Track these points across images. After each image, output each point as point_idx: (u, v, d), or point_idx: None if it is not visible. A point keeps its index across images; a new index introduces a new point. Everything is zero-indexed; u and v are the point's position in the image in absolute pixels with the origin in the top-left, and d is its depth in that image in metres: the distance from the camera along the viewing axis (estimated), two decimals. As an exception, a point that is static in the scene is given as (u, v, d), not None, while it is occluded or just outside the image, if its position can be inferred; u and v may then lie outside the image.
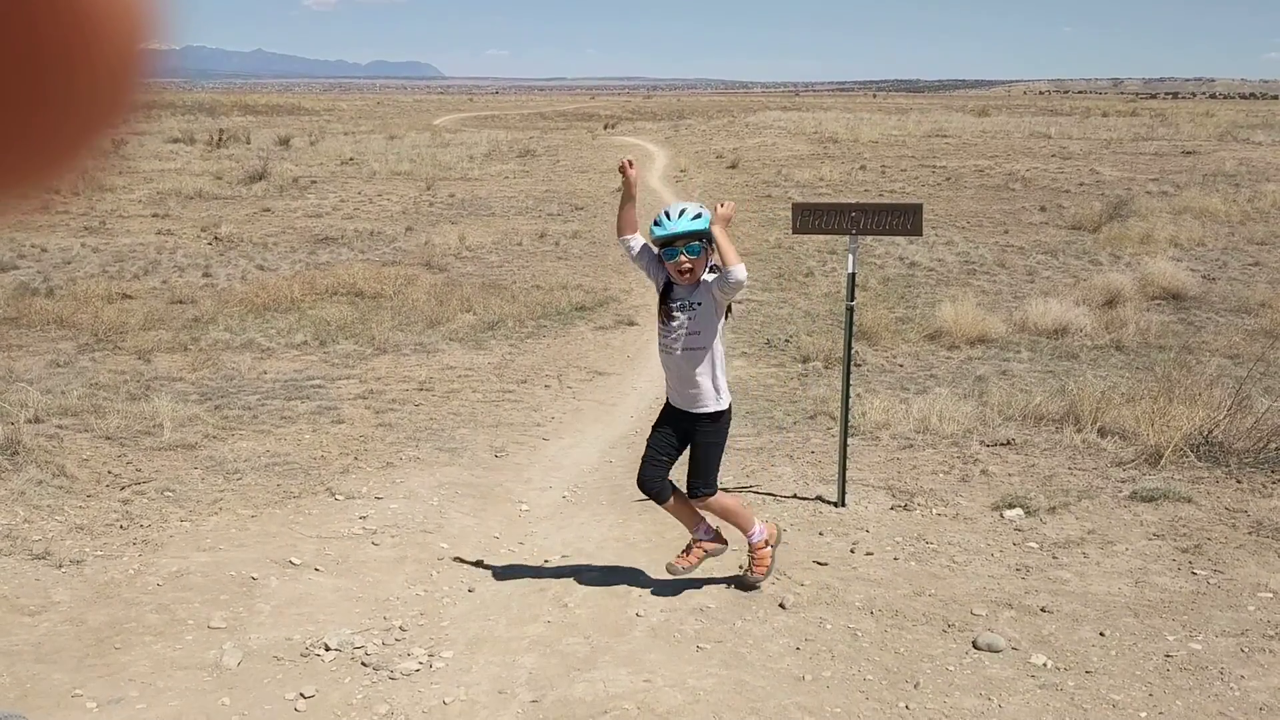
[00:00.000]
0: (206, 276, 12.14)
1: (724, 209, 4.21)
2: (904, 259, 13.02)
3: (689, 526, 4.50)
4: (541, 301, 10.68)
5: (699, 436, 4.27)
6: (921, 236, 7.60)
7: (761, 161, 26.25)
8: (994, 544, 4.96)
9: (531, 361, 8.69)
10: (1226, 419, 6.01)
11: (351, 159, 26.77)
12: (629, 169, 4.26)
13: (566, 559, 4.93)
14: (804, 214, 5.47)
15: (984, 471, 5.88)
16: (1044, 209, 17.45)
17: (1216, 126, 36.78)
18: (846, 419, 5.56)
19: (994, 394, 7.16)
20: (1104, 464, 5.96)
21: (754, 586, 4.49)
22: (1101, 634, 4.07)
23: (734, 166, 25.50)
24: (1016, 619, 4.22)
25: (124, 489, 5.54)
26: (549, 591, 4.54)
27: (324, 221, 16.73)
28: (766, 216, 16.58)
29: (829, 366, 8.20)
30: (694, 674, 3.81)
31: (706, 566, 4.57)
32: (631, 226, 4.32)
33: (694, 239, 4.10)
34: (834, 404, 6.38)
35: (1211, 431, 5.96)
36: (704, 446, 4.29)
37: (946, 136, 33.78)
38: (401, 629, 4.17)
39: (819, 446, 6.42)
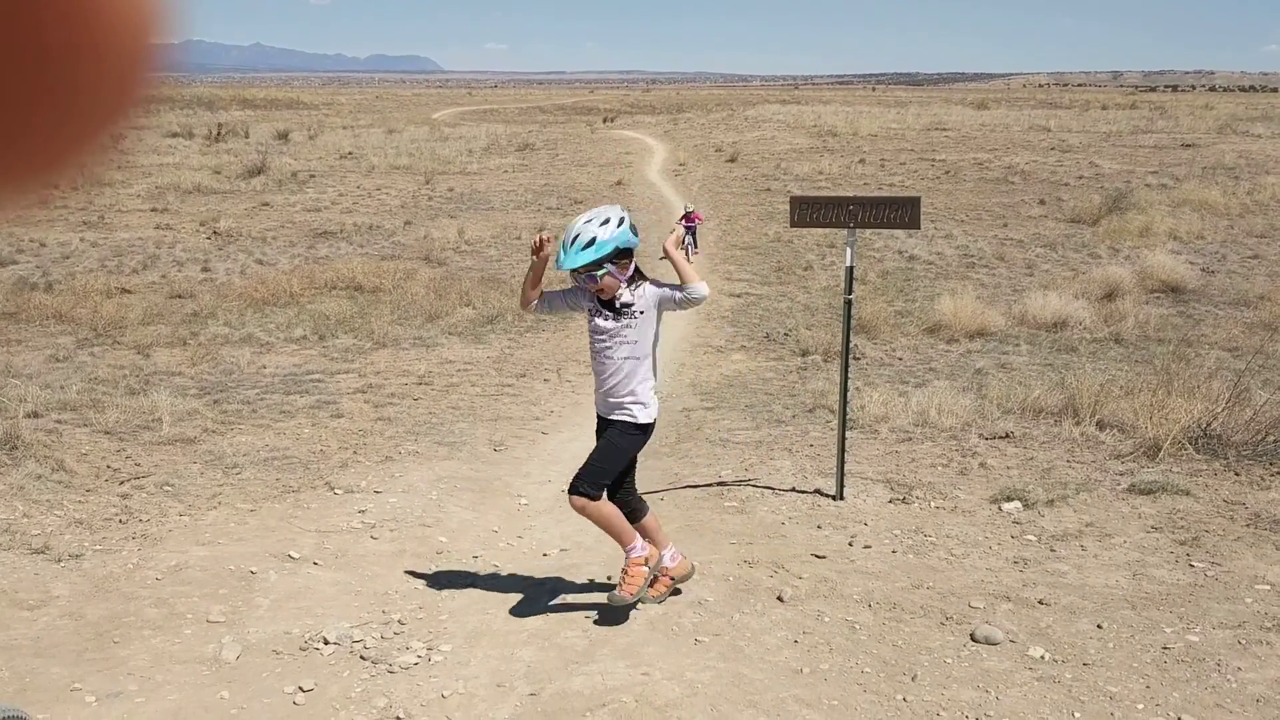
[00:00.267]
0: (205, 271, 12.14)
1: (670, 238, 4.03)
2: (903, 252, 13.01)
3: (630, 543, 4.16)
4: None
5: (609, 432, 4.06)
6: (920, 230, 7.60)
7: (760, 155, 26.21)
8: (992, 537, 4.97)
9: (530, 355, 8.69)
10: (1225, 412, 6.01)
11: (350, 153, 26.75)
12: (543, 246, 3.93)
13: (565, 552, 4.94)
14: (802, 207, 5.47)
15: (982, 464, 5.89)
16: (1043, 202, 17.44)
17: (1216, 119, 36.71)
18: (845, 412, 5.56)
19: (993, 387, 7.16)
20: (1102, 457, 5.96)
21: (619, 604, 4.12)
22: (1099, 626, 4.08)
23: (733, 160, 25.48)
24: (1014, 611, 4.23)
25: (123, 484, 5.54)
26: (547, 585, 4.55)
27: (323, 216, 16.71)
28: (765, 210, 16.55)
29: (828, 360, 8.20)
30: (692, 667, 3.82)
31: (701, 562, 4.57)
32: (534, 295, 4.07)
33: (594, 268, 3.88)
34: (833, 397, 6.38)
35: (1210, 424, 5.97)
36: (606, 442, 4.06)
37: (945, 130, 33.70)
38: (400, 622, 4.18)
39: (818, 440, 6.42)
